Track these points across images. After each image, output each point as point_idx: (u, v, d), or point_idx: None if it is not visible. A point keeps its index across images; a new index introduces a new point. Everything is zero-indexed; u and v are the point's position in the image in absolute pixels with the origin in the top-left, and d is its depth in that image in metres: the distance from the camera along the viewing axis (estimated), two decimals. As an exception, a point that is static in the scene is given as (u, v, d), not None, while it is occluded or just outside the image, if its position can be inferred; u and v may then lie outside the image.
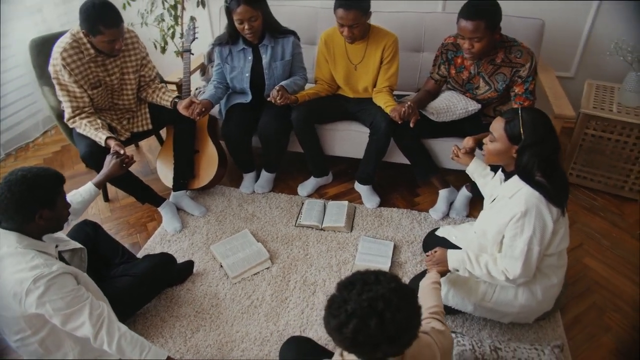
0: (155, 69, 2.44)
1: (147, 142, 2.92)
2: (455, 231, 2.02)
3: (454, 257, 1.73)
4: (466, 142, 2.02)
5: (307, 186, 2.67)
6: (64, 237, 1.76)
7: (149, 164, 2.95)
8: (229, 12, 2.27)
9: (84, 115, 2.19)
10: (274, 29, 2.39)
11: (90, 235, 2.00)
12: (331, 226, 2.36)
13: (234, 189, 2.69)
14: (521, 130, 1.53)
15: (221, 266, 2.17)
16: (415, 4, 2.79)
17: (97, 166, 2.13)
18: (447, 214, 2.47)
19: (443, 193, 2.48)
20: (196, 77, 2.88)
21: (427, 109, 2.29)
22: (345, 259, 2.21)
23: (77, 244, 1.77)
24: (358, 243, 2.28)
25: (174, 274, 2.04)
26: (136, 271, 1.88)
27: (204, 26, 3.04)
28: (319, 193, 2.69)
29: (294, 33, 2.45)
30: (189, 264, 2.14)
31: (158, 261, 1.93)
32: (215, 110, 2.56)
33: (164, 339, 1.86)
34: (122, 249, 2.07)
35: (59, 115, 2.39)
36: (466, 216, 2.46)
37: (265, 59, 2.41)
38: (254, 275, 2.13)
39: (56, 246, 1.61)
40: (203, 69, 2.89)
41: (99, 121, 2.19)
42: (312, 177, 2.69)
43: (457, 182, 2.56)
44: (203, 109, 2.29)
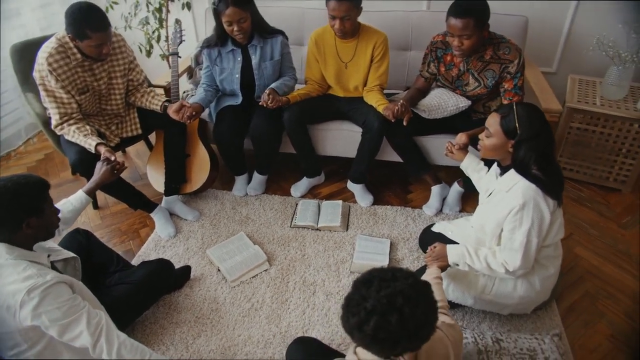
0: (143, 72, 2.40)
1: (135, 147, 2.87)
2: (452, 226, 2.05)
3: (453, 251, 1.76)
4: (459, 138, 2.05)
5: (300, 187, 2.67)
6: (56, 247, 1.71)
7: (138, 169, 2.90)
8: (217, 13, 2.25)
9: (72, 121, 2.14)
10: (262, 29, 2.38)
11: (83, 243, 1.96)
12: (327, 226, 2.37)
13: (227, 192, 2.67)
14: (517, 124, 1.57)
15: (219, 270, 2.15)
16: (401, 3, 2.81)
17: (87, 173, 2.09)
18: (441, 210, 2.50)
19: (435, 189, 2.51)
20: (183, 80, 2.85)
21: (419, 106, 2.31)
22: (342, 258, 2.22)
23: (69, 253, 1.73)
24: (355, 242, 2.28)
25: (172, 280, 2.01)
26: (133, 278, 1.85)
27: (188, 29, 3.00)
28: (312, 193, 2.69)
29: (282, 33, 2.45)
30: (186, 269, 2.12)
31: (156, 267, 1.90)
32: (205, 114, 2.53)
33: (165, 346, 1.83)
34: (117, 256, 2.03)
35: (45, 122, 2.33)
36: (459, 211, 2.49)
37: (254, 60, 2.39)
38: (252, 278, 2.12)
39: (48, 256, 1.57)
40: (190, 72, 2.86)
41: (87, 127, 2.14)
42: (304, 177, 2.69)
43: (448, 178, 2.60)
44: (194, 113, 2.27)
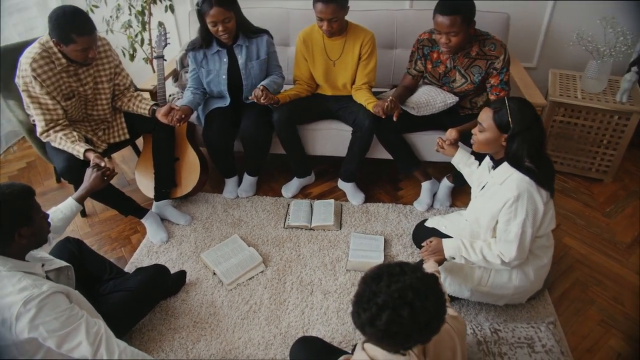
0: (129, 76, 2.36)
1: (120, 153, 2.82)
2: (445, 221, 2.08)
3: (449, 245, 1.79)
4: (449, 133, 2.08)
5: (291, 187, 2.67)
6: (48, 256, 1.67)
7: (125, 175, 2.85)
8: (201, 15, 2.24)
9: (58, 128, 2.10)
10: (246, 29, 2.37)
11: (75, 252, 1.92)
12: (320, 225, 2.37)
13: (217, 195, 2.65)
14: (509, 118, 1.60)
15: (214, 274, 2.13)
16: (384, 3, 2.84)
17: (76, 181, 2.05)
18: (432, 205, 2.53)
19: (426, 185, 2.55)
20: (168, 83, 2.81)
21: (408, 103, 2.34)
22: (338, 256, 2.23)
23: (62, 262, 1.68)
24: (349, 240, 2.30)
25: (168, 285, 1.99)
26: (129, 285, 1.82)
27: (171, 32, 2.96)
28: (303, 193, 2.70)
29: (267, 32, 2.44)
30: (181, 274, 2.09)
31: (152, 273, 1.87)
32: (193, 117, 2.51)
33: (165, 352, 1.81)
34: (109, 264, 2.00)
35: (29, 130, 2.27)
36: (449, 206, 2.53)
37: (241, 59, 2.38)
38: (249, 280, 2.11)
39: (42, 265, 1.54)
40: (175, 75, 2.83)
41: (75, 133, 2.10)
42: (295, 177, 2.69)
43: (436, 174, 2.64)
44: (183, 115, 2.24)
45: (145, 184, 2.51)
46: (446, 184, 2.54)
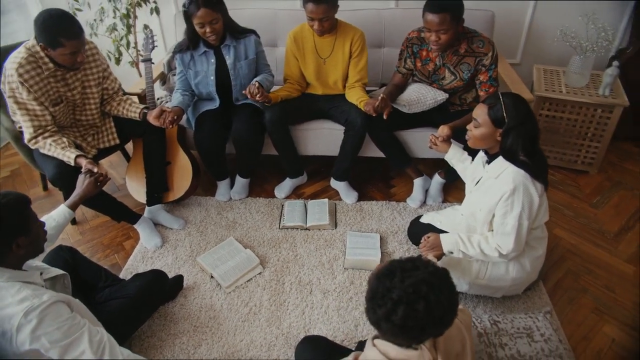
0: (117, 80, 2.33)
1: (108, 158, 2.76)
2: (440, 216, 2.11)
3: (447, 240, 1.82)
4: (441, 130, 2.11)
5: (283, 188, 2.66)
6: (44, 265, 1.64)
7: (114, 180, 2.80)
8: (187, 16, 2.22)
9: (47, 134, 2.05)
10: (233, 29, 2.36)
11: (69, 260, 1.88)
12: (316, 225, 2.37)
13: (210, 198, 2.63)
14: (504, 114, 1.63)
15: (212, 277, 2.11)
16: (369, 3, 2.85)
17: (68, 187, 2.00)
18: (424, 202, 2.56)
19: (418, 182, 2.57)
20: (156, 87, 2.77)
21: (399, 101, 2.36)
22: (335, 255, 2.23)
23: (58, 271, 1.65)
24: (345, 238, 2.31)
25: (166, 291, 1.96)
26: (127, 292, 1.79)
27: (156, 35, 2.92)
28: (296, 194, 2.70)
29: (254, 32, 2.44)
30: (179, 279, 2.07)
31: (150, 279, 1.85)
32: (182, 120, 2.48)
33: (166, 358, 1.79)
34: (104, 271, 1.97)
35: (15, 137, 2.22)
36: (442, 202, 2.56)
37: (229, 60, 2.37)
38: (247, 282, 2.10)
39: (40, 274, 1.51)
40: (163, 78, 2.80)
41: (64, 139, 2.06)
42: (287, 178, 2.68)
43: (427, 170, 2.67)
44: (175, 117, 2.22)
45: (136, 189, 2.47)
46: (438, 180, 2.57)
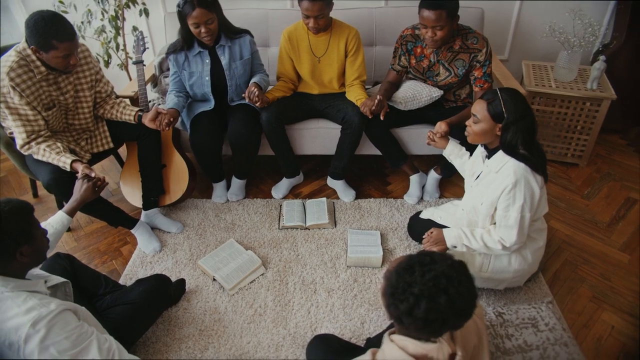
0: (110, 83, 2.29)
1: (100, 163, 2.70)
2: (439, 212, 2.13)
3: (450, 234, 1.84)
4: (439, 126, 2.13)
5: (280, 188, 2.66)
6: (44, 273, 1.60)
7: (107, 186, 2.75)
8: (182, 16, 2.20)
9: (40, 139, 2.00)
10: (228, 30, 2.35)
11: (67, 268, 1.84)
12: (316, 224, 2.37)
13: (206, 200, 2.60)
14: (503, 108, 1.66)
15: (214, 279, 2.09)
16: (359, 2, 2.86)
17: (64, 193, 1.97)
18: (422, 198, 2.58)
19: (414, 178, 2.59)
20: (147, 89, 2.73)
21: (394, 99, 2.38)
22: (336, 253, 2.24)
23: (60, 279, 1.61)
24: (346, 236, 2.31)
25: (170, 295, 1.94)
26: (131, 298, 1.76)
27: (147, 36, 2.89)
28: (293, 193, 2.69)
29: (248, 32, 2.43)
30: (181, 283, 2.04)
31: (153, 284, 1.82)
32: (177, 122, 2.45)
33: (173, 363, 1.77)
34: (104, 277, 1.93)
35: (6, 143, 2.16)
36: (438, 197, 2.59)
37: (224, 60, 2.35)
38: (250, 283, 2.09)
39: (45, 282, 1.47)
40: (154, 80, 2.76)
41: (59, 144, 2.01)
42: (284, 178, 2.68)
43: (422, 166, 2.70)
44: (171, 119, 2.19)
45: (132, 193, 2.43)
46: (434, 176, 2.59)
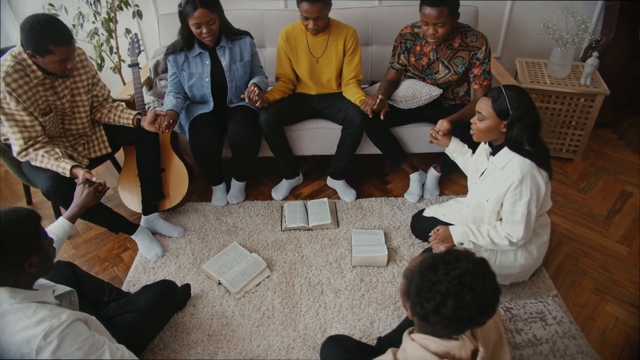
0: (106, 87, 2.25)
1: (95, 168, 2.66)
2: (443, 209, 2.14)
3: (457, 231, 1.85)
4: (440, 124, 2.13)
5: (280, 189, 2.64)
6: (50, 283, 1.57)
7: (103, 191, 2.70)
8: (183, 16, 2.17)
9: (38, 145, 1.96)
10: (229, 31, 2.33)
11: (70, 277, 1.81)
12: (318, 224, 2.36)
13: (206, 204, 2.57)
14: (508, 105, 1.67)
15: (219, 283, 2.07)
16: (352, 2, 2.86)
17: (64, 200, 1.93)
18: (422, 196, 2.59)
19: (414, 176, 2.60)
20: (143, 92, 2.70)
21: (394, 97, 2.38)
22: (341, 253, 2.23)
23: (65, 287, 1.58)
24: (349, 236, 2.31)
25: (177, 301, 1.91)
26: (139, 305, 1.73)
27: (141, 39, 2.85)
28: (293, 194, 2.68)
29: (248, 33, 2.41)
30: (186, 288, 2.02)
31: (161, 290, 1.78)
32: (174, 125, 2.42)
33: (183, 370, 1.74)
34: (108, 285, 1.90)
35: (2, 150, 2.10)
36: (439, 195, 2.60)
37: (224, 61, 2.33)
38: (256, 286, 2.07)
39: (53, 292, 1.44)
40: (149, 83, 2.72)
41: (57, 150, 1.97)
42: (283, 179, 2.66)
43: (421, 165, 2.70)
44: (170, 121, 2.16)
45: (130, 198, 2.39)
46: (433, 173, 2.60)
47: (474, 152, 2.05)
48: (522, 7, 3.05)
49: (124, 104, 2.39)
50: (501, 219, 1.81)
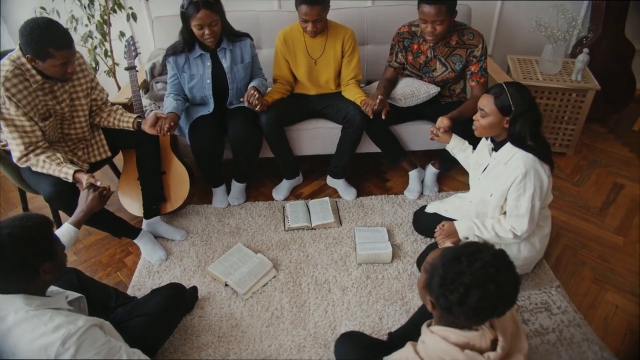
0: (105, 90, 2.22)
1: (94, 173, 2.64)
2: (445, 205, 2.17)
3: (462, 226, 1.88)
4: (440, 122, 2.17)
5: (281, 189, 2.65)
6: (59, 289, 1.55)
7: (101, 196, 2.67)
8: (185, 17, 2.16)
9: (39, 150, 1.93)
10: (230, 33, 2.33)
11: (75, 283, 1.79)
12: (321, 224, 2.38)
13: (207, 206, 2.56)
14: (510, 101, 1.71)
15: (226, 285, 2.07)
16: (346, 2, 2.88)
17: (67, 206, 1.90)
18: (422, 193, 2.62)
19: (413, 174, 2.63)
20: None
21: (393, 96, 2.41)
22: (346, 252, 2.25)
23: (74, 294, 1.56)
24: (353, 234, 2.33)
25: (186, 304, 1.90)
26: (148, 310, 1.71)
27: (138, 41, 2.82)
28: (294, 194, 2.68)
29: (248, 35, 2.41)
30: (193, 290, 2.01)
31: (170, 293, 1.77)
32: (173, 127, 2.41)
33: (196, 372, 1.74)
34: (114, 290, 1.89)
35: (1, 157, 2.06)
36: (438, 191, 2.64)
37: (225, 63, 2.33)
38: (263, 286, 2.07)
39: (66, 297, 1.43)
40: (146, 86, 2.70)
41: (59, 155, 1.94)
42: (284, 180, 2.67)
43: (418, 162, 2.73)
44: (172, 124, 2.15)
45: (131, 202, 2.37)
46: (432, 170, 2.64)
47: (474, 149, 2.09)
48: (512, 6, 3.11)
49: (122, 107, 2.38)
50: (505, 213, 1.85)
